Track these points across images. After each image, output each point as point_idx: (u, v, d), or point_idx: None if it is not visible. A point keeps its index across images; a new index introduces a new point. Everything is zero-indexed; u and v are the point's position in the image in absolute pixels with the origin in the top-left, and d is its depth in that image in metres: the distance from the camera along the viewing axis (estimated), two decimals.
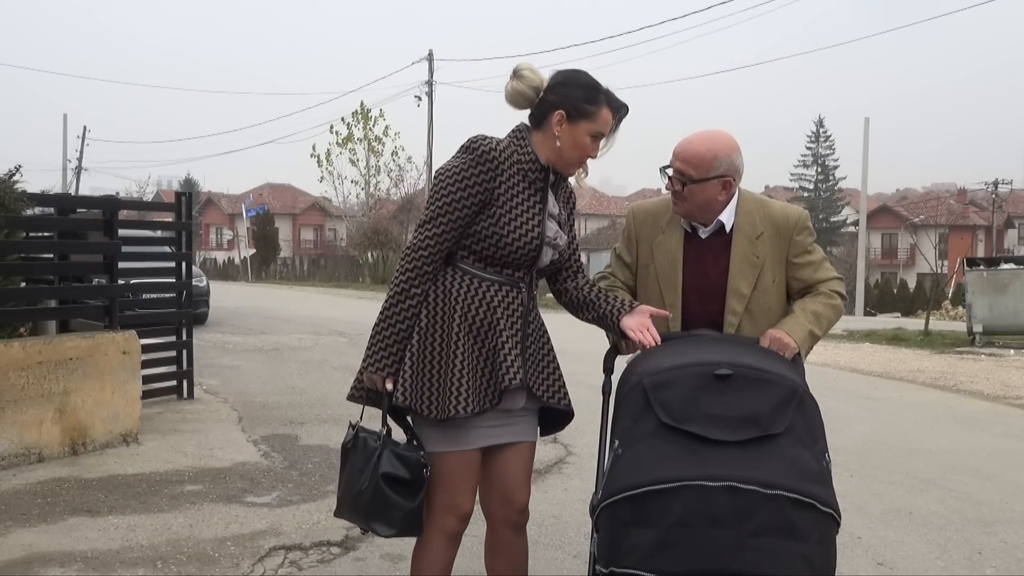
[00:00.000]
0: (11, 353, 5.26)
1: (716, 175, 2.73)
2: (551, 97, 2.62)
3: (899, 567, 4.00)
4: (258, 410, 7.24)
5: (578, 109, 2.60)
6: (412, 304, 2.56)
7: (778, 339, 2.64)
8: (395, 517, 2.54)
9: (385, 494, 2.52)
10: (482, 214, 2.57)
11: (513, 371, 2.57)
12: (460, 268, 2.61)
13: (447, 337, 2.56)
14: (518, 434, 2.69)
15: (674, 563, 2.14)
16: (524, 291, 2.67)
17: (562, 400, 2.72)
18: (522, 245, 2.59)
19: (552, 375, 2.73)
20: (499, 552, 2.77)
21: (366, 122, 39.07)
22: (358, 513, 2.60)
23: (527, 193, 2.62)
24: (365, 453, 2.59)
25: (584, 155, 2.65)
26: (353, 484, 2.59)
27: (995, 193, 53.98)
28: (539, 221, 2.63)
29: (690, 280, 2.82)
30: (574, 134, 2.61)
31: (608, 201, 67.37)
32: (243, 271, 43.23)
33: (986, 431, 7.28)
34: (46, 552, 3.89)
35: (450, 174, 2.57)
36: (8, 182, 5.92)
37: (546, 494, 4.99)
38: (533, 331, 2.69)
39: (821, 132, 63.84)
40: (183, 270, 7.80)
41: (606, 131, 2.65)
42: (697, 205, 2.78)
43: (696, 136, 2.77)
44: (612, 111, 2.64)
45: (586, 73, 2.66)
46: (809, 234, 2.86)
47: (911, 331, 15.67)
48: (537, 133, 2.66)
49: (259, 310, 18.08)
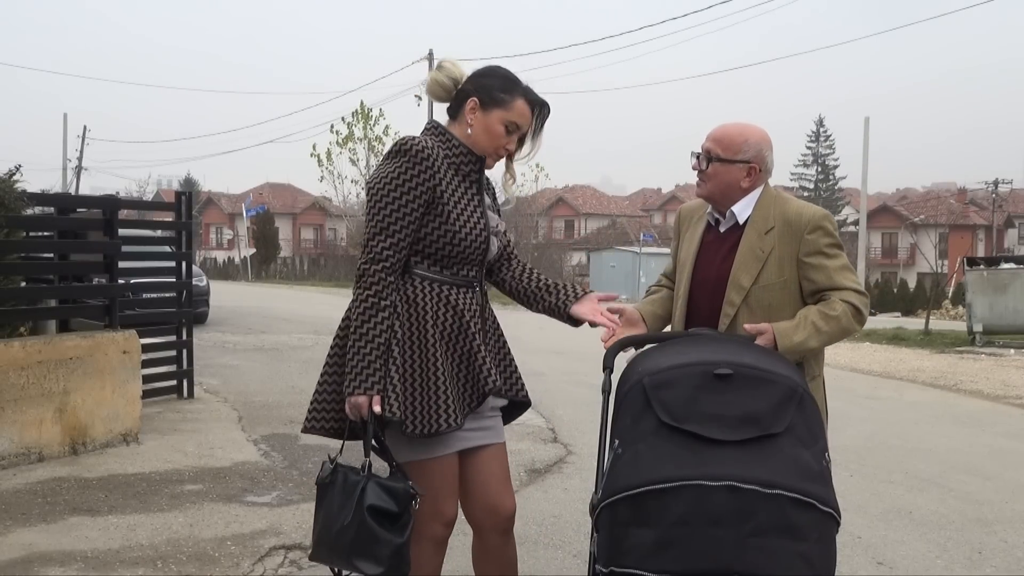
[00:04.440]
0: (11, 352, 5.26)
1: (742, 159, 2.74)
2: (467, 87, 2.63)
3: (899, 566, 4.00)
4: (258, 409, 7.24)
5: (491, 96, 2.60)
6: (385, 316, 2.48)
7: (760, 330, 2.61)
8: (383, 554, 2.36)
9: (371, 529, 2.35)
10: (428, 215, 2.53)
11: (493, 375, 2.58)
12: (417, 275, 2.57)
13: (424, 348, 2.53)
14: (491, 436, 2.68)
15: (674, 563, 2.14)
16: (478, 289, 2.67)
17: (520, 392, 2.74)
18: (474, 239, 2.58)
19: (509, 367, 2.74)
20: (489, 559, 2.73)
21: (366, 122, 39.03)
22: (339, 553, 2.40)
23: (463, 187, 2.61)
24: (345, 488, 2.43)
25: (496, 143, 2.62)
26: (333, 522, 2.42)
27: (995, 192, 53.97)
28: (481, 213, 2.63)
29: (701, 273, 2.83)
30: (487, 121, 2.60)
31: (608, 201, 67.35)
32: (243, 270, 43.25)
33: (986, 431, 7.28)
34: (46, 552, 3.89)
35: (389, 180, 2.50)
36: (8, 181, 5.92)
37: (546, 493, 4.99)
38: (489, 326, 2.70)
39: (821, 131, 63.88)
40: (183, 270, 7.80)
41: (522, 124, 2.63)
42: (719, 187, 2.78)
43: (733, 122, 2.82)
44: (529, 105, 2.63)
45: (506, 68, 2.68)
46: (825, 235, 2.75)
47: (911, 331, 15.67)
48: (453, 124, 2.65)
49: (259, 309, 18.09)
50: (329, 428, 2.60)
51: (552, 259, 41.38)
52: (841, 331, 2.67)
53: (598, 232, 55.25)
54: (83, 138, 46.00)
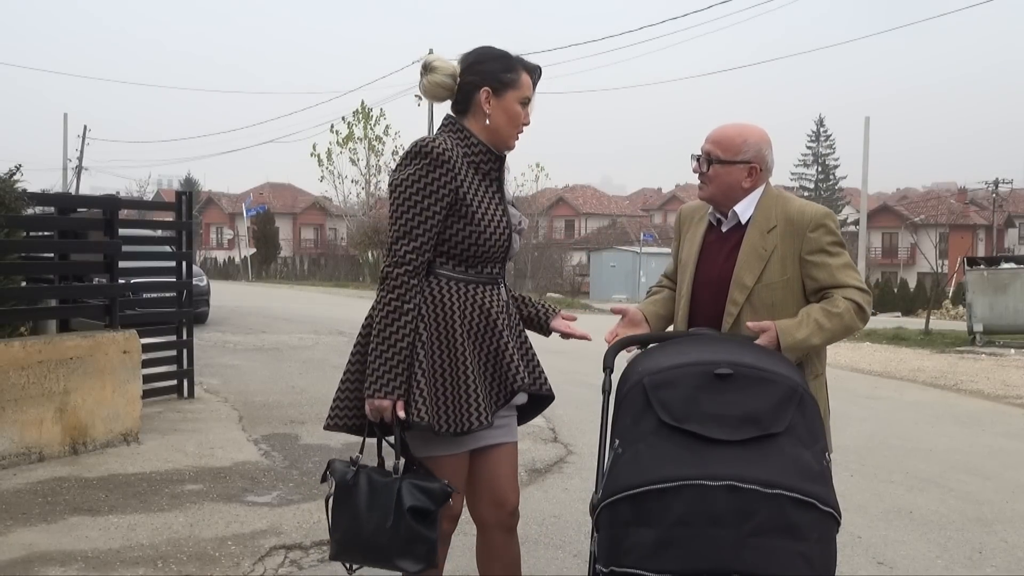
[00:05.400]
0: (11, 352, 5.26)
1: (743, 159, 2.75)
2: (470, 78, 2.60)
3: (899, 566, 4.00)
4: (258, 409, 7.24)
5: (501, 80, 2.59)
6: (408, 320, 2.48)
7: (762, 329, 2.61)
8: (421, 552, 2.43)
9: (413, 528, 2.41)
10: (452, 216, 2.53)
11: (521, 372, 2.59)
12: (442, 275, 2.57)
13: (453, 348, 2.54)
14: (504, 435, 2.69)
15: (674, 562, 2.14)
16: (503, 286, 2.68)
17: (544, 386, 2.74)
18: (498, 237, 2.59)
19: (531, 361, 2.74)
20: (493, 557, 2.74)
21: (366, 121, 39.06)
22: (377, 553, 2.45)
23: (484, 184, 2.61)
24: (372, 489, 2.46)
25: (519, 124, 2.64)
26: (363, 524, 2.45)
27: (995, 192, 53.98)
28: (504, 210, 2.63)
29: (704, 273, 2.84)
30: (504, 105, 2.60)
31: (608, 200, 67.36)
32: (243, 270, 43.25)
33: (986, 430, 7.28)
34: (46, 551, 3.89)
35: (411, 183, 2.50)
36: (8, 181, 5.92)
37: (546, 493, 4.99)
38: (513, 322, 2.71)
39: (821, 131, 63.87)
40: (183, 269, 7.80)
41: (530, 94, 2.65)
42: (721, 189, 2.78)
43: (731, 123, 2.82)
44: (529, 74, 2.64)
45: (492, 46, 2.67)
46: (827, 233, 2.76)
47: (911, 330, 15.67)
48: (467, 118, 2.63)
49: (259, 309, 18.08)
50: (351, 425, 2.62)
51: (552, 259, 41.30)
52: (844, 328, 2.67)
53: (598, 232, 55.22)
54: (83, 138, 46.02)
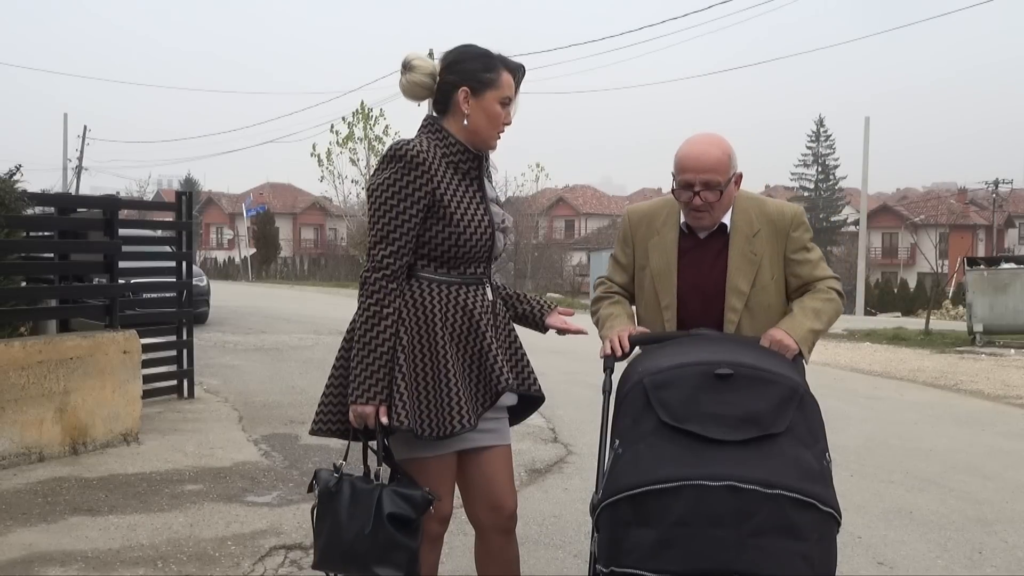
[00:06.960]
0: (11, 352, 5.26)
1: (733, 173, 2.75)
2: (450, 77, 2.58)
3: (899, 566, 3.99)
4: (258, 409, 7.24)
5: (480, 80, 2.57)
6: (388, 325, 2.47)
7: (779, 340, 2.64)
8: (402, 560, 2.40)
9: (391, 536, 2.39)
10: (431, 218, 2.51)
11: (505, 374, 2.57)
12: (423, 278, 2.55)
13: (434, 351, 2.52)
14: (496, 438, 2.66)
15: (675, 563, 2.14)
16: (487, 286, 2.66)
17: (532, 386, 2.72)
18: (479, 237, 2.56)
19: (521, 361, 2.72)
20: (492, 559, 2.73)
21: (366, 121, 39.02)
22: (357, 561, 2.42)
23: (464, 185, 2.59)
24: (355, 497, 2.44)
25: (498, 124, 2.61)
26: (344, 531, 2.43)
27: (996, 192, 53.97)
28: (484, 209, 2.60)
29: (689, 281, 2.82)
30: (483, 105, 2.57)
31: (608, 200, 67.35)
32: (243, 270, 43.25)
33: (986, 430, 7.28)
34: (46, 551, 3.89)
35: (386, 187, 2.48)
36: (8, 181, 5.92)
37: (546, 494, 4.99)
38: (500, 322, 2.69)
39: (821, 131, 63.76)
40: (183, 269, 7.80)
41: (511, 95, 2.62)
42: (723, 208, 2.78)
43: (700, 144, 2.73)
44: (511, 73, 2.62)
45: (474, 44, 2.63)
46: (806, 230, 2.86)
47: (911, 331, 15.66)
48: (446, 118, 2.61)
49: (259, 309, 18.08)
50: (336, 430, 2.62)
51: (552, 259, 41.33)
52: (835, 312, 2.80)
53: (598, 232, 55.25)
54: (83, 138, 46.04)
